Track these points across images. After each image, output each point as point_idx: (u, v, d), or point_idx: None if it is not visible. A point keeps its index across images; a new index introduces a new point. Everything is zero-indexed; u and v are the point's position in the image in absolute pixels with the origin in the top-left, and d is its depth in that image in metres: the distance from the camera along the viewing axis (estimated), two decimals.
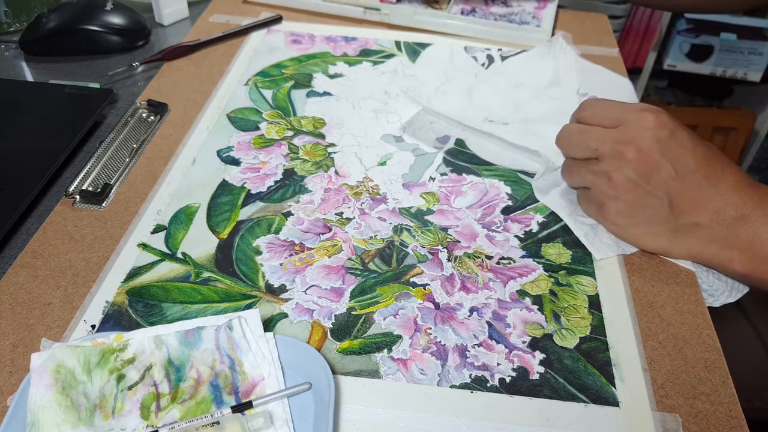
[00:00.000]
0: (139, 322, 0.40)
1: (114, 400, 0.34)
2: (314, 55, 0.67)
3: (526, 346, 0.39)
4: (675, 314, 0.42)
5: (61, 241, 0.45)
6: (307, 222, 0.47)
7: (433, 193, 0.50)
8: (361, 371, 0.38)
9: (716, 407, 0.37)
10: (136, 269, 0.44)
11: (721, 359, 0.39)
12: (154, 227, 0.47)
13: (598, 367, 0.39)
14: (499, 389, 0.37)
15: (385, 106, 0.60)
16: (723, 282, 0.44)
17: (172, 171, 0.52)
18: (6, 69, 0.65)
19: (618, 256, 0.46)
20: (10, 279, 0.43)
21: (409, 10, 0.73)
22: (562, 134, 0.46)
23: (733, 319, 0.62)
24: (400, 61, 0.67)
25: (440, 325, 0.40)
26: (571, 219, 0.48)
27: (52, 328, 0.40)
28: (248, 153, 0.54)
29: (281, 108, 0.60)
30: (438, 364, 0.38)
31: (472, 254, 0.45)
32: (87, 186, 0.50)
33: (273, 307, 0.41)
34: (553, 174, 0.51)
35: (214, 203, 0.49)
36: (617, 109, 0.44)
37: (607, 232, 0.46)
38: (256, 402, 0.34)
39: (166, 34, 0.72)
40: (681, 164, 0.42)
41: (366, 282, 0.43)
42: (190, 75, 0.64)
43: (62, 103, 0.57)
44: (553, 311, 0.42)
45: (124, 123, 0.57)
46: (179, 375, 0.35)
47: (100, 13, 0.67)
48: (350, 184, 0.51)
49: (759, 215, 0.41)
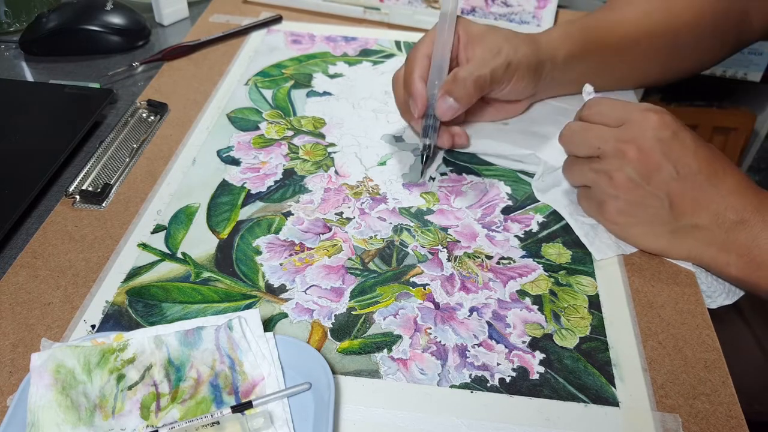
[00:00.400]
0: (139, 322, 0.40)
1: (114, 400, 0.34)
2: (314, 55, 0.67)
3: (526, 346, 0.39)
4: (675, 314, 0.42)
5: (61, 241, 0.45)
6: (307, 222, 0.47)
7: (433, 193, 0.50)
8: (361, 371, 0.38)
9: (716, 407, 0.37)
10: (136, 269, 0.44)
11: (720, 359, 0.39)
12: (154, 227, 0.47)
13: (598, 367, 0.39)
14: (499, 389, 0.37)
15: (385, 106, 0.60)
16: (720, 284, 0.44)
17: (172, 171, 0.52)
18: (6, 69, 0.65)
19: (618, 256, 0.46)
20: (10, 279, 0.43)
21: (409, 9, 0.73)
22: (565, 132, 0.47)
23: (731, 322, 0.62)
24: (400, 61, 0.67)
25: (440, 325, 0.40)
26: (572, 218, 0.48)
27: (52, 328, 0.40)
28: (248, 153, 0.54)
29: (281, 108, 0.60)
30: (438, 364, 0.38)
31: (472, 254, 0.45)
32: (87, 186, 0.50)
33: (273, 307, 0.41)
34: (552, 175, 0.51)
35: (214, 203, 0.49)
36: (621, 109, 0.44)
37: (607, 232, 0.46)
38: (256, 402, 0.34)
39: (166, 34, 0.72)
40: (683, 165, 0.42)
41: (366, 282, 0.43)
42: (190, 75, 0.64)
43: (62, 103, 0.57)
44: (553, 311, 0.42)
45: (124, 123, 0.57)
46: (179, 375, 0.35)
47: (100, 13, 0.67)
48: (350, 184, 0.51)
49: (758, 220, 0.41)
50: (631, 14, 0.56)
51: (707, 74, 1.51)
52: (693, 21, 0.55)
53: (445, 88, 0.49)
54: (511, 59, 0.49)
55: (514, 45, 0.50)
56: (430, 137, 0.50)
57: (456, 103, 0.49)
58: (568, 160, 0.47)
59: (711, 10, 0.56)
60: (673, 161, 0.42)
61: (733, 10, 0.57)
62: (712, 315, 0.42)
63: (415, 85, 0.50)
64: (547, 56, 0.52)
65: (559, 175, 0.50)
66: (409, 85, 0.50)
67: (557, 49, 0.53)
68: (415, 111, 0.50)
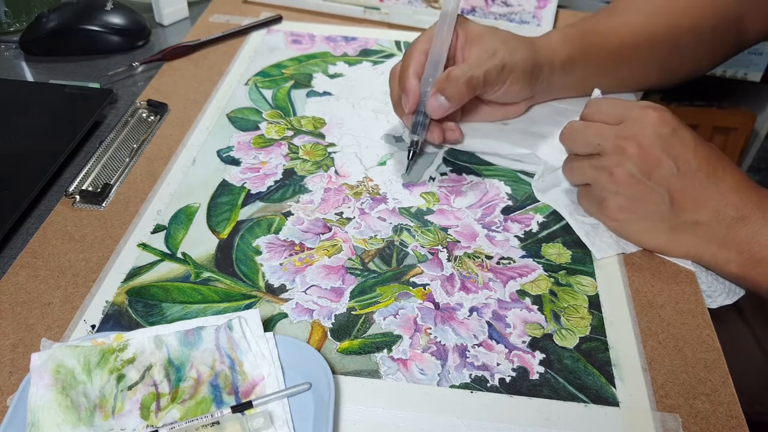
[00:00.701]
0: (139, 322, 0.40)
1: (114, 400, 0.34)
2: (314, 55, 0.67)
3: (526, 346, 0.39)
4: (675, 314, 0.42)
5: (61, 241, 0.45)
6: (307, 222, 0.47)
7: (433, 193, 0.50)
8: (361, 371, 0.38)
9: (716, 407, 0.37)
10: (136, 269, 0.44)
11: (721, 359, 0.39)
12: (154, 227, 0.47)
13: (598, 367, 0.39)
14: (499, 389, 0.37)
15: (385, 106, 0.60)
16: (721, 283, 0.44)
17: (172, 171, 0.52)
18: (6, 69, 0.65)
19: (618, 256, 0.46)
20: (10, 279, 0.43)
21: (409, 9, 0.73)
22: (566, 130, 0.47)
23: (732, 323, 0.62)
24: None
25: (440, 325, 0.40)
26: (572, 218, 0.48)
27: (52, 328, 0.40)
28: (248, 153, 0.54)
29: (281, 108, 0.60)
30: (438, 364, 0.38)
31: (472, 254, 0.45)
32: (87, 186, 0.50)
33: (273, 307, 0.41)
34: (552, 175, 0.51)
35: (214, 203, 0.49)
36: (621, 107, 0.44)
37: (607, 231, 0.46)
38: (256, 402, 0.34)
39: (166, 34, 0.72)
40: (682, 161, 0.42)
41: (366, 282, 0.43)
42: (190, 75, 0.64)
43: (62, 103, 0.57)
44: (553, 311, 0.42)
45: (124, 123, 0.57)
46: (179, 375, 0.35)
47: (100, 13, 0.67)
48: (350, 184, 0.51)
49: (758, 217, 0.41)
50: (631, 18, 0.56)
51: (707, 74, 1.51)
52: (692, 25, 0.55)
53: (438, 86, 0.49)
54: (506, 62, 0.49)
55: (511, 48, 0.50)
56: (418, 134, 0.51)
57: (447, 102, 0.49)
58: (569, 159, 0.48)
59: (711, 14, 0.56)
60: (673, 157, 0.42)
61: (731, 13, 0.57)
62: (712, 315, 0.42)
63: (409, 80, 0.50)
64: (545, 60, 0.52)
65: (559, 176, 0.50)
66: (403, 80, 0.51)
67: (556, 53, 0.53)
68: (406, 106, 0.50)
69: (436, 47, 0.51)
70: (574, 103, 0.58)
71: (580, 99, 0.58)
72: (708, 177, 0.42)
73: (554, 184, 0.51)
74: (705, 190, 0.42)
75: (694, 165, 0.42)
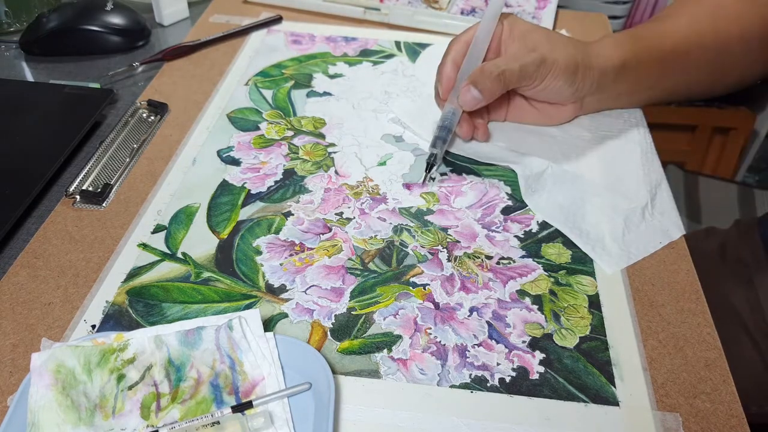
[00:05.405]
0: (139, 322, 0.40)
1: (114, 400, 0.34)
2: (314, 55, 0.67)
3: (526, 346, 0.39)
4: (675, 313, 0.42)
5: (62, 241, 0.45)
6: (307, 222, 0.47)
7: (433, 193, 0.50)
8: (361, 371, 0.38)
9: (717, 406, 0.37)
10: (136, 269, 0.44)
11: (721, 358, 0.39)
12: (154, 227, 0.47)
13: (598, 366, 0.39)
14: (499, 389, 0.37)
15: (385, 106, 0.60)
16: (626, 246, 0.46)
17: (172, 171, 0.52)
18: (6, 69, 0.65)
19: None
20: (11, 279, 0.43)
21: (409, 10, 0.73)
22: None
23: (730, 325, 0.62)
24: (400, 61, 0.67)
25: (440, 325, 0.40)
26: (574, 234, 0.47)
27: (53, 328, 0.40)
28: (248, 153, 0.54)
29: (281, 108, 0.60)
30: (438, 364, 0.38)
31: (472, 254, 0.45)
32: (87, 186, 0.50)
33: (273, 307, 0.41)
34: (539, 181, 0.50)
35: (214, 203, 0.49)
36: None
37: (612, 242, 0.46)
38: (256, 402, 0.34)
39: (166, 34, 0.72)
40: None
41: (366, 282, 0.43)
42: (190, 75, 0.64)
43: (62, 103, 0.57)
44: (553, 311, 0.42)
45: (124, 123, 0.57)
46: (179, 375, 0.35)
47: (100, 13, 0.67)
48: (350, 184, 0.51)
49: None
50: (680, 25, 0.55)
51: None
52: (741, 32, 0.55)
53: (471, 79, 0.49)
54: (546, 57, 0.49)
55: (554, 43, 0.50)
56: (438, 148, 0.51)
57: (479, 95, 0.49)
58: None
59: (759, 24, 0.56)
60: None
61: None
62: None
63: (445, 67, 0.52)
64: (595, 62, 0.51)
65: (546, 182, 0.50)
66: (440, 66, 0.52)
67: (609, 58, 0.52)
68: (440, 91, 0.52)
69: (479, 39, 0.52)
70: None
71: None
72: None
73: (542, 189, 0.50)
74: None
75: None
